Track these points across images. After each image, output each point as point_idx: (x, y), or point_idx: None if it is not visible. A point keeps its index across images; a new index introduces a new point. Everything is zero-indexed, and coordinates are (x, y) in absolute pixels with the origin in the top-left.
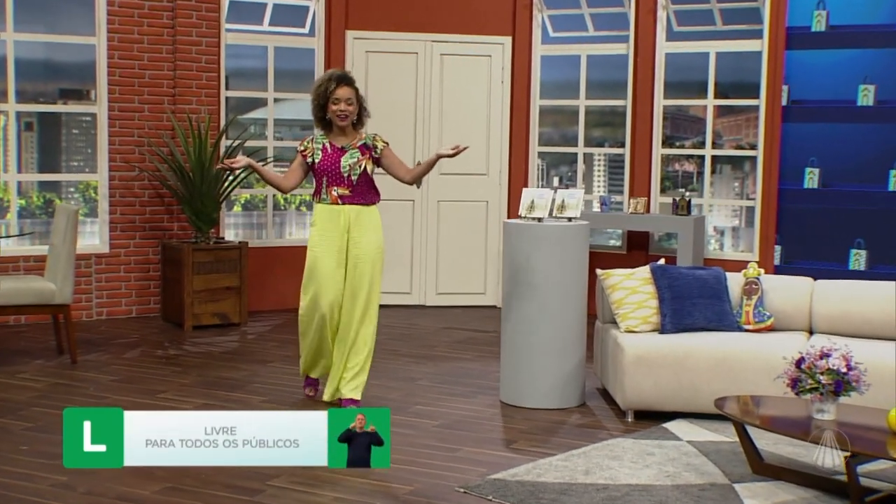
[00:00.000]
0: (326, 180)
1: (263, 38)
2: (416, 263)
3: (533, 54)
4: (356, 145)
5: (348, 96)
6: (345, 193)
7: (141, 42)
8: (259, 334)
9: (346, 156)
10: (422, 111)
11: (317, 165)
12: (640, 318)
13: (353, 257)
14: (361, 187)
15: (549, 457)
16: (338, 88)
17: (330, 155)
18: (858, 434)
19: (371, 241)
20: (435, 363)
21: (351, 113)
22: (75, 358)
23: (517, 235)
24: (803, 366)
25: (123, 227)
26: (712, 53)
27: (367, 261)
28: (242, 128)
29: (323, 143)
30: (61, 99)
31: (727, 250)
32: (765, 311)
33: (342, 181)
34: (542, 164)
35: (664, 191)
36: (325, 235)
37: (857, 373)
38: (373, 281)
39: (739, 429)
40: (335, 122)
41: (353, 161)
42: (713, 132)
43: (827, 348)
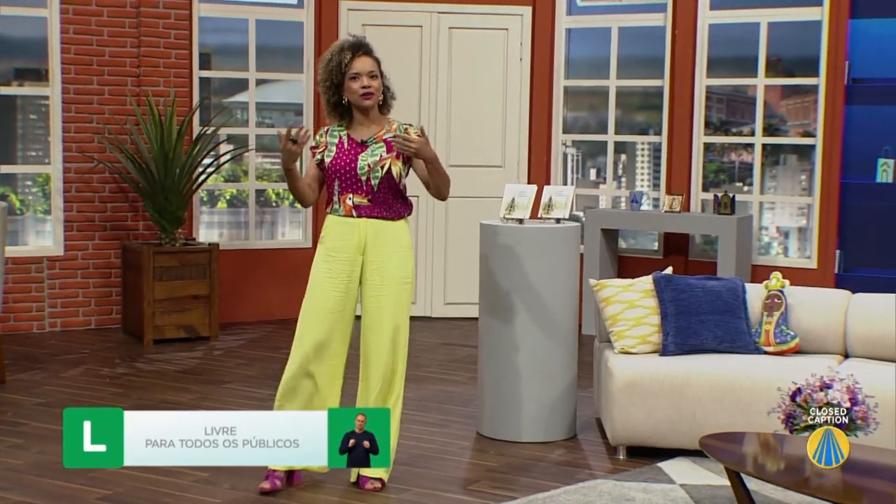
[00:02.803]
0: (339, 185)
1: (243, 9)
2: (421, 269)
3: (556, 27)
4: (381, 138)
5: (370, 68)
6: (362, 203)
7: (100, 15)
8: (227, 350)
9: (365, 153)
10: (427, 94)
11: (328, 165)
12: (638, 337)
13: (371, 288)
14: (384, 195)
15: (505, 501)
16: (355, 59)
17: (346, 151)
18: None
19: (397, 267)
20: (418, 386)
21: (377, 89)
22: (3, 377)
23: (495, 239)
24: (798, 399)
25: (80, 227)
26: (763, 24)
27: (391, 294)
28: (229, 113)
29: (339, 135)
30: (16, 79)
31: (792, 255)
32: (788, 331)
33: (359, 186)
34: (578, 154)
35: (717, 185)
36: (333, 257)
37: (865, 408)
38: (399, 319)
39: (731, 473)
40: (358, 103)
41: (374, 160)
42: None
43: (829, 378)
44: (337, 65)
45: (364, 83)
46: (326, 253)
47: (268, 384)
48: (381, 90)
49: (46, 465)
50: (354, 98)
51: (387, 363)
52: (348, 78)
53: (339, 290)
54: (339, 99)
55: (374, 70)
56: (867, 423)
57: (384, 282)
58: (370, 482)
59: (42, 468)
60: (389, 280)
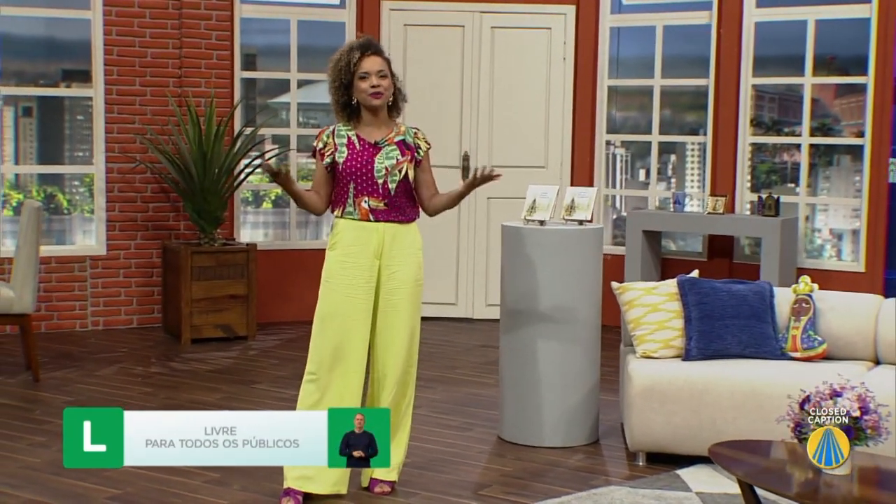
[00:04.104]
0: (354, 187)
1: (285, 10)
2: (463, 270)
3: (600, 26)
4: (393, 140)
5: (379, 68)
6: (378, 206)
7: (142, 16)
8: (263, 350)
9: (381, 154)
10: (469, 94)
11: (341, 166)
12: (661, 342)
13: (386, 292)
14: (400, 199)
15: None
16: (363, 59)
17: (359, 153)
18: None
19: (412, 270)
20: (448, 388)
21: (386, 88)
22: (37, 375)
23: (516, 241)
24: (807, 406)
25: (123, 226)
26: (811, 21)
27: (406, 297)
28: (273, 113)
29: (348, 135)
30: (64, 81)
31: (846, 258)
32: (816, 336)
33: (374, 189)
34: (627, 154)
35: (768, 186)
36: (350, 263)
37: (875, 418)
38: (413, 323)
39: (741, 482)
40: (366, 103)
41: (391, 163)
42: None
43: (839, 385)
44: (346, 64)
45: (373, 82)
46: (343, 258)
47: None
48: (391, 90)
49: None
50: (363, 98)
51: (402, 367)
52: (357, 77)
53: (359, 297)
54: (348, 99)
55: (384, 70)
56: (878, 432)
57: (400, 285)
58: (379, 485)
59: (58, 467)
60: (405, 283)
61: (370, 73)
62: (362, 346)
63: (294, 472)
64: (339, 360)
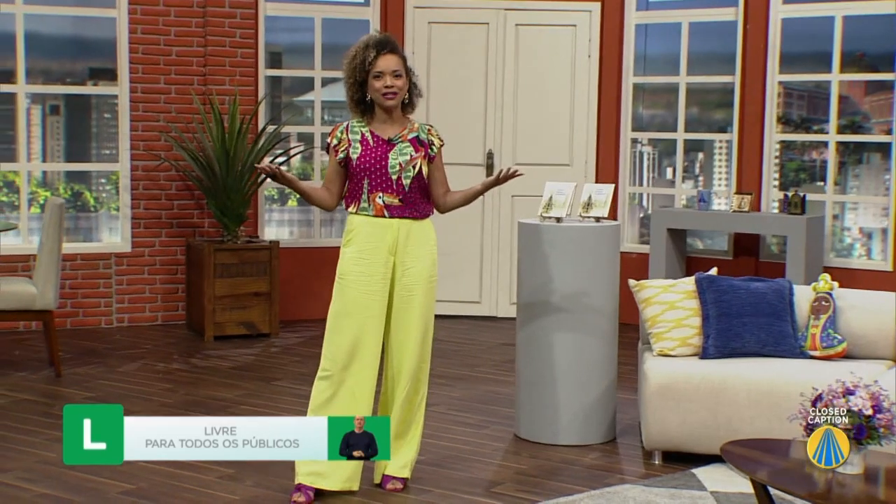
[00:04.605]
0: (369, 183)
1: (309, 8)
2: (487, 268)
3: (626, 22)
4: (406, 137)
5: (395, 67)
6: (393, 202)
7: (167, 14)
8: (285, 347)
9: (394, 151)
10: (493, 92)
11: (355, 162)
12: (678, 340)
13: (402, 288)
14: (414, 195)
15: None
16: (379, 58)
17: (373, 149)
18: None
19: (426, 265)
20: (467, 386)
21: (401, 88)
22: (59, 371)
23: (533, 238)
24: (819, 405)
25: (148, 224)
26: (838, 17)
27: (420, 293)
28: (299, 111)
29: (362, 132)
30: (91, 79)
31: (875, 256)
32: (836, 335)
33: (389, 185)
34: (654, 152)
35: (797, 184)
36: (365, 260)
37: (889, 416)
38: (428, 319)
39: (755, 482)
40: (380, 102)
41: (405, 160)
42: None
43: (853, 383)
44: (361, 62)
45: (387, 82)
46: (358, 255)
47: None
48: (406, 90)
49: None
50: (377, 97)
51: (417, 363)
52: (372, 76)
53: (374, 293)
54: (362, 96)
55: (399, 69)
56: (892, 431)
57: (415, 281)
58: (391, 482)
59: None
60: (420, 280)
61: (385, 72)
62: (376, 343)
63: (305, 467)
64: (354, 357)
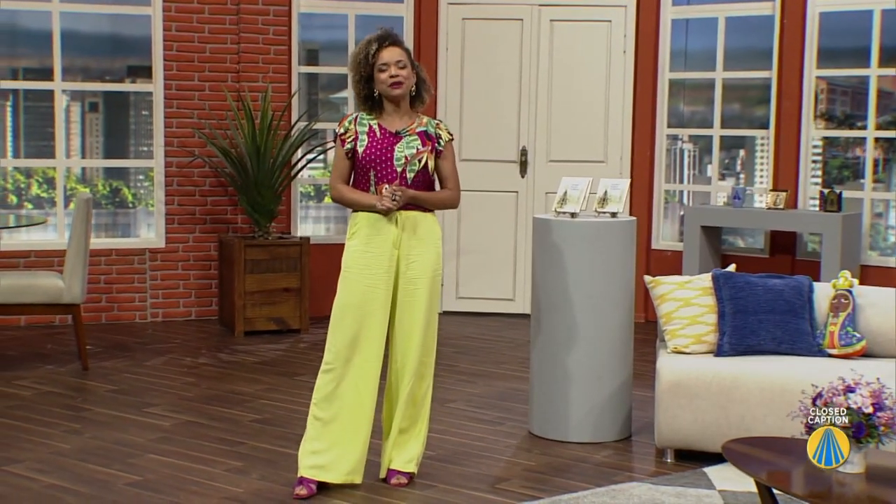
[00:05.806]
0: (375, 175)
1: (343, 5)
2: (521, 265)
3: (661, 18)
4: (414, 130)
5: (398, 58)
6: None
7: (201, 12)
8: (313, 343)
9: (401, 143)
10: (527, 88)
11: (361, 154)
12: (693, 337)
13: (406, 281)
14: (419, 188)
15: (529, 501)
16: (382, 50)
17: (379, 141)
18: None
19: (430, 259)
20: (488, 383)
21: (406, 78)
22: (86, 364)
23: (547, 233)
24: (819, 402)
25: (181, 220)
26: (877, 11)
27: (425, 286)
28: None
29: (370, 124)
30: (129, 76)
31: None
32: (854, 332)
33: (394, 178)
34: (694, 149)
35: (840, 182)
36: (370, 252)
37: (890, 415)
38: (431, 313)
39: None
40: (387, 93)
41: (412, 153)
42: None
43: (854, 381)
44: (364, 57)
45: (392, 73)
46: (362, 248)
47: None
48: (412, 80)
49: (92, 450)
50: (384, 89)
51: (420, 357)
52: (377, 69)
53: (378, 287)
54: (369, 92)
55: (403, 60)
56: (893, 429)
57: (419, 275)
58: (396, 477)
59: (86, 453)
60: (424, 273)
61: (389, 63)
62: (380, 337)
63: (308, 460)
64: (357, 351)
